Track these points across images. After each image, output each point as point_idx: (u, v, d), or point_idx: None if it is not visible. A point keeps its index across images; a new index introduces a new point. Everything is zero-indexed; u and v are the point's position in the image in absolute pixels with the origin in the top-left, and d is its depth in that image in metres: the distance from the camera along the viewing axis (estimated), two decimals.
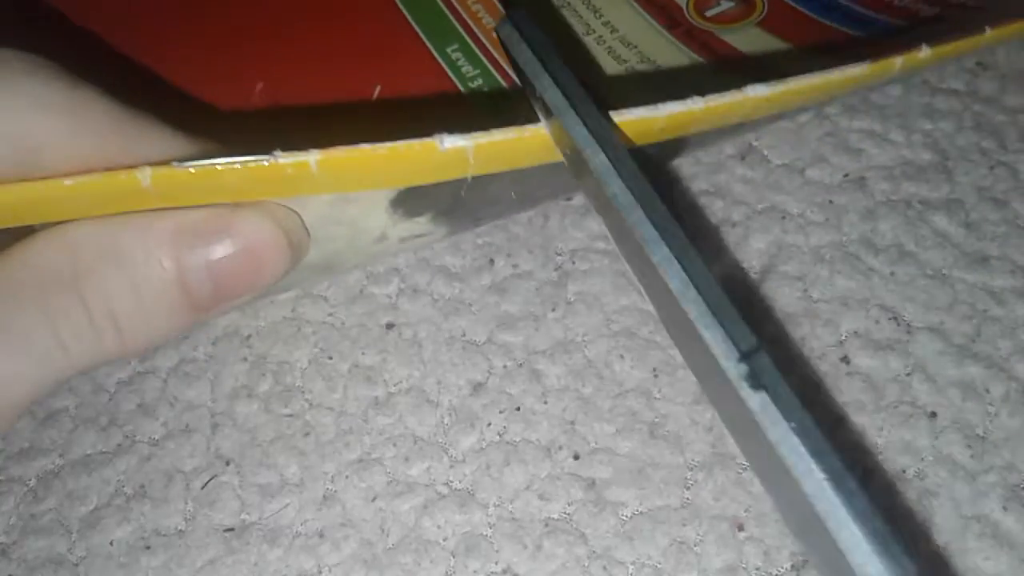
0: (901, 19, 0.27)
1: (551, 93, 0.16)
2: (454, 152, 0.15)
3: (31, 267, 0.15)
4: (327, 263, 0.21)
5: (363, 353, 0.24)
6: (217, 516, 0.22)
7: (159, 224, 0.15)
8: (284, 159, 0.14)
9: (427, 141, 0.14)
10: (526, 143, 0.15)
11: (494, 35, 0.28)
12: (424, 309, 0.25)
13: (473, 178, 0.16)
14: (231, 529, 0.22)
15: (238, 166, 0.14)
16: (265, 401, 0.24)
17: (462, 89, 0.27)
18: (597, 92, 0.16)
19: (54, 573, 0.21)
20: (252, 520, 0.22)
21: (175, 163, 0.14)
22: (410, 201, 0.17)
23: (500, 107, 0.27)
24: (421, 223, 0.19)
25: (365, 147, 0.14)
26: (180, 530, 0.22)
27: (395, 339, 0.24)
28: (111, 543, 0.22)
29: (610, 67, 0.28)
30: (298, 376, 0.24)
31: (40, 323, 0.15)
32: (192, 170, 0.14)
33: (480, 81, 0.27)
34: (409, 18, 0.29)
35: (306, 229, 0.16)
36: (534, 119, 0.16)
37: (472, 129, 0.15)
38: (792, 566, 0.21)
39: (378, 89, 0.27)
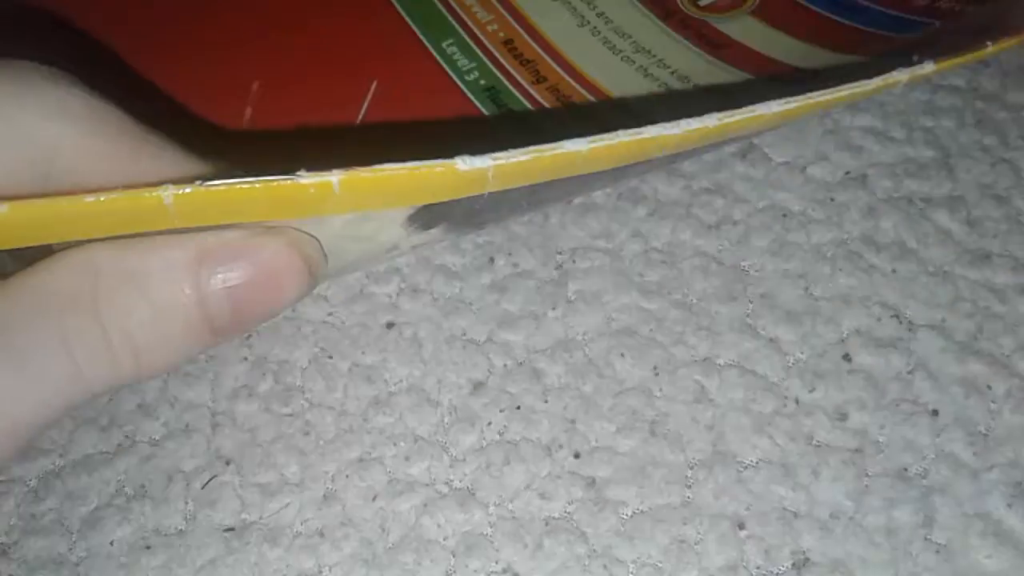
0: (888, 7, 0.27)
1: None
2: (474, 172, 0.15)
3: (50, 289, 0.15)
4: (336, 272, 0.21)
5: (363, 352, 0.24)
6: (217, 516, 0.22)
7: (181, 249, 0.15)
8: (307, 179, 0.14)
9: (447, 162, 0.15)
10: (543, 162, 0.15)
11: (489, 29, 0.28)
12: (424, 308, 0.25)
13: (490, 194, 0.16)
14: (231, 529, 0.22)
15: (260, 185, 0.14)
16: (265, 401, 0.24)
17: (459, 83, 0.27)
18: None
19: (54, 573, 0.21)
20: (252, 520, 0.22)
21: (197, 182, 0.14)
22: (426, 216, 0.18)
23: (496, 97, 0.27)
24: (433, 233, 0.20)
25: (386, 167, 0.14)
26: (180, 530, 0.22)
27: (395, 338, 0.24)
28: (111, 543, 0.22)
29: (606, 58, 0.28)
30: (298, 376, 0.24)
31: (56, 346, 0.14)
32: (214, 188, 0.14)
33: (476, 74, 0.27)
34: (403, 14, 0.29)
35: (324, 253, 0.17)
36: (538, 137, 0.16)
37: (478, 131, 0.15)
38: (793, 564, 0.20)
39: (374, 85, 0.27)
